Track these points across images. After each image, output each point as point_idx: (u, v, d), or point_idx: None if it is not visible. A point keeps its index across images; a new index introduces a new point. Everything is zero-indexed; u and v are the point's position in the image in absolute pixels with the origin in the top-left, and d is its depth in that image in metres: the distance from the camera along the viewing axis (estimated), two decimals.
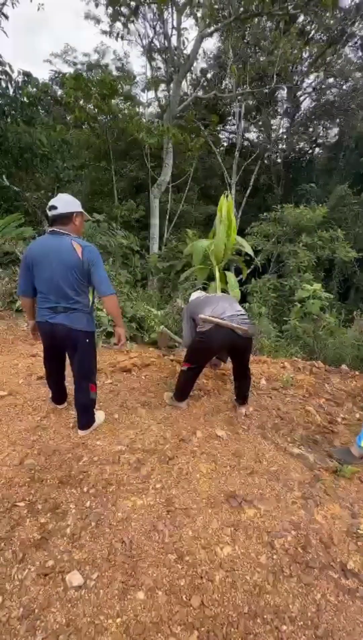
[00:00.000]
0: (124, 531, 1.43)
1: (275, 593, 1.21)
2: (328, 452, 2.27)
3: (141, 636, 1.06)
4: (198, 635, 1.07)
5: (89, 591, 1.19)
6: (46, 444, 2.00)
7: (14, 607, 1.12)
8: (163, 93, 13.37)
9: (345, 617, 1.15)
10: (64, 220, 1.87)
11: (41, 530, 1.40)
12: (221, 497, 1.66)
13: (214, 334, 2.17)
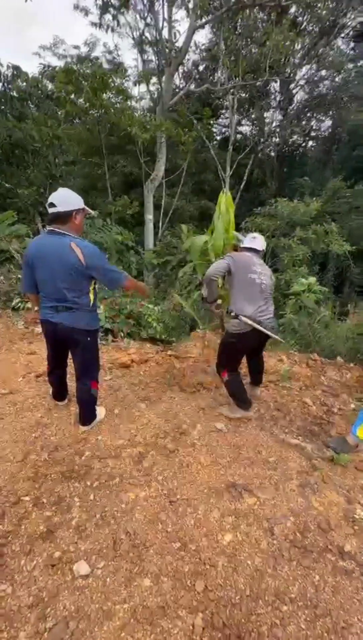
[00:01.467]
0: (128, 522, 1.47)
1: (275, 576, 1.26)
2: (324, 442, 2.33)
3: (148, 620, 1.10)
4: (202, 617, 1.11)
5: (96, 579, 1.22)
6: (48, 440, 2.02)
7: (24, 597, 1.15)
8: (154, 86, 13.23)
9: (343, 596, 1.20)
10: (63, 218, 1.82)
11: (47, 523, 1.44)
12: (222, 487, 1.71)
13: (251, 337, 2.20)
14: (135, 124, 7.11)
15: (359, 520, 1.55)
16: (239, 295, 2.24)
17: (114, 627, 1.08)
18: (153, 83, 12.89)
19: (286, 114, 14.46)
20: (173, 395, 2.79)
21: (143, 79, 11.33)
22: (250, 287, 2.26)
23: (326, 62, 12.82)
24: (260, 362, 2.75)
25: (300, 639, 1.07)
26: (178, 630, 1.07)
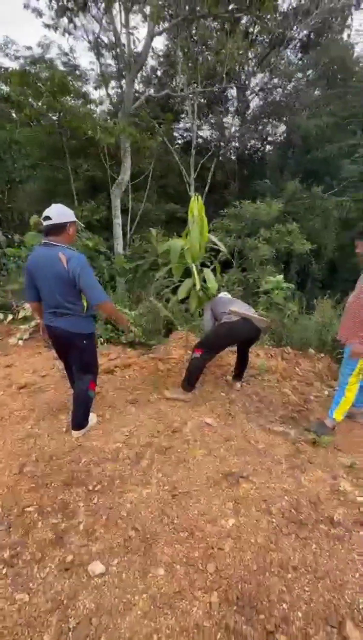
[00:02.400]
0: (135, 520, 1.52)
1: (277, 550, 1.38)
2: (306, 427, 2.52)
3: (167, 604, 1.17)
4: (217, 594, 1.20)
5: (112, 576, 1.27)
6: (42, 451, 2.00)
7: (42, 602, 1.17)
8: (113, 90, 13.18)
9: (337, 559, 1.35)
10: (57, 231, 1.94)
11: (55, 530, 1.45)
12: (219, 477, 1.81)
13: (241, 325, 2.51)
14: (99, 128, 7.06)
15: (344, 492, 1.72)
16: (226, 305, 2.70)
17: (136, 617, 1.13)
18: (111, 87, 12.84)
19: (243, 119, 15.04)
20: (160, 397, 2.85)
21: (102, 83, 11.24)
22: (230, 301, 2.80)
23: (278, 71, 13.55)
24: (245, 358, 2.99)
25: (305, 600, 1.19)
26: (197, 609, 1.15)
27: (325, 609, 1.15)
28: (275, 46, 12.74)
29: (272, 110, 14.28)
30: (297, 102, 13.23)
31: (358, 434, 2.49)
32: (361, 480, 1.84)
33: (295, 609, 1.16)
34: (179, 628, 1.10)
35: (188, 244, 2.83)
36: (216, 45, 11.71)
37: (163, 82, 13.65)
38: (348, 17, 12.66)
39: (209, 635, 1.08)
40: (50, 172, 12.34)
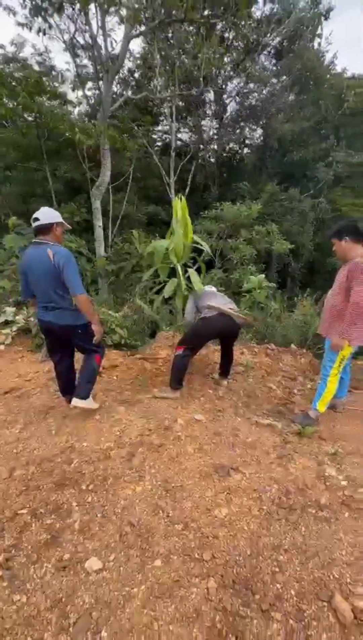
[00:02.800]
0: (130, 515, 1.54)
1: (269, 534, 1.44)
2: (291, 419, 2.61)
3: (166, 594, 1.20)
4: (214, 580, 1.24)
5: (110, 571, 1.28)
6: (32, 454, 1.98)
7: (40, 602, 1.17)
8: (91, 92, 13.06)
9: (325, 539, 1.42)
10: (45, 230, 2.11)
11: (49, 531, 1.44)
12: (211, 470, 1.85)
13: (218, 320, 2.61)
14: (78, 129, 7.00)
15: (328, 477, 1.81)
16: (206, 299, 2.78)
17: (136, 607, 1.15)
18: (88, 88, 12.73)
19: (221, 122, 15.29)
20: (149, 396, 2.87)
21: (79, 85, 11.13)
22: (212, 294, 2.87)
23: (253, 77, 13.89)
24: (229, 355, 3.04)
25: (297, 578, 1.25)
26: (195, 596, 1.19)
27: (316, 586, 1.22)
28: (250, 52, 13.05)
29: (249, 114, 14.60)
30: (272, 106, 13.59)
31: (339, 424, 2.60)
32: (344, 466, 1.94)
33: (288, 587, 1.22)
34: (178, 615, 1.13)
35: (172, 245, 2.88)
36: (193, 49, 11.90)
37: (141, 84, 13.67)
38: (319, 26, 13.17)
39: (208, 618, 1.11)
40: (26, 174, 12.07)
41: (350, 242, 2.38)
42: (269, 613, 1.13)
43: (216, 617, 1.12)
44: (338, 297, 2.42)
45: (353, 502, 1.62)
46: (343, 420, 2.68)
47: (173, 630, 1.08)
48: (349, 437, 2.41)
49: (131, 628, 1.09)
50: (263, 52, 13.62)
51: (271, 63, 14.61)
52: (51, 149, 11.21)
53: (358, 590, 1.20)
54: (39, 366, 3.52)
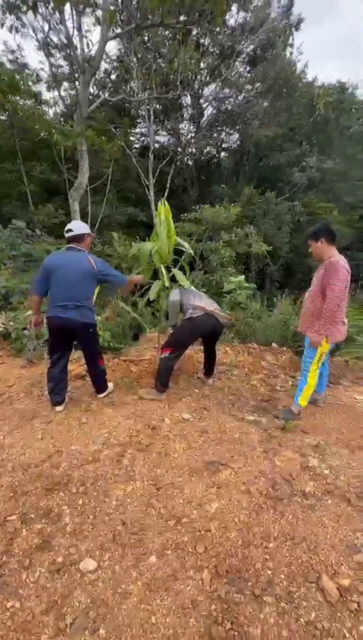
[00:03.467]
0: (122, 515, 1.55)
1: (259, 524, 1.49)
2: (274, 414, 2.70)
3: (162, 587, 1.22)
4: (208, 571, 1.27)
5: (105, 570, 1.29)
6: (18, 460, 1.94)
7: (35, 606, 1.16)
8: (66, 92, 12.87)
9: (311, 525, 1.49)
10: (79, 239, 2.55)
11: (41, 535, 1.43)
12: (200, 466, 1.89)
13: (204, 320, 2.69)
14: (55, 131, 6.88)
15: (313, 468, 1.89)
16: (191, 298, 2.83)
17: (132, 603, 1.17)
18: (64, 89, 12.54)
19: (198, 126, 15.49)
20: (136, 397, 2.88)
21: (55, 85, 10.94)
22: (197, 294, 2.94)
23: (228, 82, 14.19)
24: (212, 355, 3.09)
25: (286, 563, 1.31)
26: (191, 587, 1.22)
27: (304, 569, 1.28)
28: (225, 58, 13.35)
29: (225, 119, 14.88)
30: (248, 112, 13.94)
31: (320, 417, 2.72)
32: (326, 456, 2.04)
33: (278, 572, 1.27)
34: (175, 607, 1.15)
35: (156, 247, 2.90)
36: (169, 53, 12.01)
37: (118, 86, 13.62)
38: (290, 37, 13.67)
39: (204, 607, 1.15)
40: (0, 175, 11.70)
41: (326, 243, 2.50)
42: (261, 598, 1.18)
43: (211, 606, 1.15)
44: (315, 296, 2.54)
45: (335, 490, 1.71)
46: (324, 413, 2.80)
47: (171, 622, 1.11)
48: (330, 429, 2.52)
49: (129, 623, 1.10)
50: (238, 58, 13.94)
51: (245, 70, 14.98)
52: (26, 149, 10.94)
53: (342, 570, 1.27)
54: (20, 371, 3.44)
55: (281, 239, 12.27)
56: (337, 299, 2.36)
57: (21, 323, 4.06)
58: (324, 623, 1.10)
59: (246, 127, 14.36)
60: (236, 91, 14.54)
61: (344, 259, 2.47)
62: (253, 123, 13.87)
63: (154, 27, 9.68)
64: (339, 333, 2.53)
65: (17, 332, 3.99)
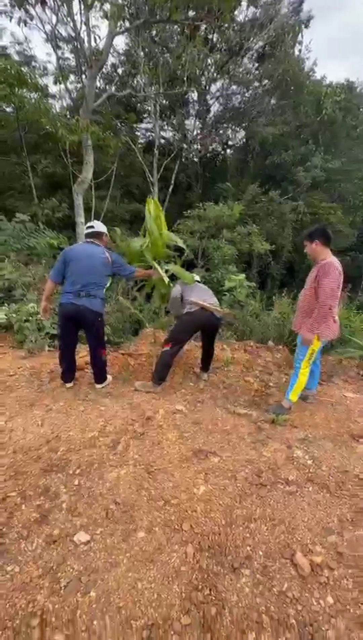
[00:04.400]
0: (115, 495, 1.66)
1: (242, 507, 1.60)
2: (266, 409, 2.80)
3: (149, 559, 1.33)
4: (192, 546, 1.38)
5: (97, 543, 1.40)
6: (18, 444, 2.05)
7: (32, 570, 1.27)
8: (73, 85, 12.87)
9: (291, 509, 1.60)
10: (98, 236, 2.83)
11: (39, 510, 1.54)
12: (190, 454, 2.00)
13: (199, 314, 2.83)
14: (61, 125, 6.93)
15: (297, 458, 2.00)
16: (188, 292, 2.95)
17: (121, 572, 1.28)
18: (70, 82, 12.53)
19: (204, 123, 15.46)
20: (133, 389, 2.99)
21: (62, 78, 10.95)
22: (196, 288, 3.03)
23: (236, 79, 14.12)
24: (210, 350, 3.21)
25: (264, 541, 1.41)
26: (175, 559, 1.33)
27: (281, 547, 1.39)
28: (233, 55, 13.28)
29: (232, 115, 14.83)
30: (254, 109, 13.89)
31: (310, 413, 2.82)
32: (312, 448, 2.14)
33: (257, 549, 1.38)
34: (160, 575, 1.26)
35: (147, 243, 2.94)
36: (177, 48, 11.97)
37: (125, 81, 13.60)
38: (299, 34, 13.57)
39: (186, 576, 1.26)
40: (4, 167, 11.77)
41: (320, 244, 2.59)
42: (239, 570, 1.29)
43: (193, 575, 1.26)
44: (308, 295, 2.63)
45: (317, 478, 1.81)
46: (314, 410, 2.89)
47: (155, 587, 1.21)
48: (318, 424, 2.62)
49: (117, 588, 1.21)
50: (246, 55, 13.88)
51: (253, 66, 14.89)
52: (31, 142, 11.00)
53: (316, 549, 1.38)
54: (21, 362, 3.54)
55: (284, 239, 12.29)
56: (329, 298, 2.45)
57: (23, 315, 4.17)
58: (295, 593, 1.20)
59: (252, 125, 14.30)
60: (244, 88, 14.48)
61: (337, 260, 2.56)
62: (259, 120, 13.83)
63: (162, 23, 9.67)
64: (330, 332, 2.62)
65: (19, 324, 4.10)
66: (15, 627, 1.08)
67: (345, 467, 1.91)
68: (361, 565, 1.31)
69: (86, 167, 9.16)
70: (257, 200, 12.19)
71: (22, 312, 4.19)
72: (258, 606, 1.15)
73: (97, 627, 1.08)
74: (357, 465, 1.94)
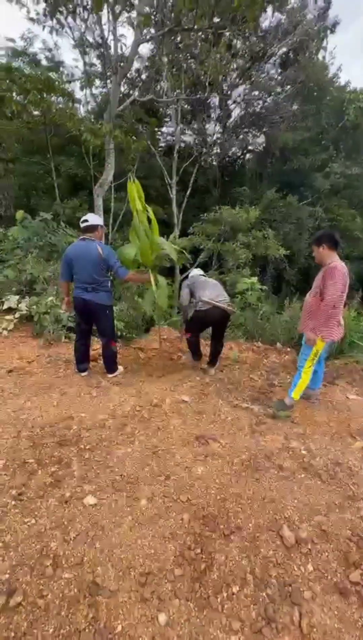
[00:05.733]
0: (121, 468, 1.82)
1: (236, 486, 1.73)
2: (268, 405, 2.91)
3: (149, 522, 1.48)
4: (188, 514, 1.53)
5: (103, 506, 1.56)
6: (36, 421, 2.25)
7: (47, 523, 1.45)
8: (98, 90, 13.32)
9: (282, 491, 1.71)
10: (92, 229, 2.87)
11: (53, 476, 1.72)
12: (192, 439, 2.14)
13: (211, 312, 3.05)
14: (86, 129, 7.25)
15: (292, 448, 2.11)
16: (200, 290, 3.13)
17: (124, 530, 1.43)
18: (96, 86, 12.98)
19: (225, 127, 15.62)
20: (142, 379, 3.16)
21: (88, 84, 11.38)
22: (205, 283, 3.22)
23: (258, 84, 14.23)
24: (219, 345, 3.44)
25: (255, 516, 1.54)
26: (172, 523, 1.47)
27: (269, 522, 1.51)
28: (256, 60, 13.41)
29: (252, 120, 14.92)
30: (276, 115, 13.94)
31: (311, 411, 2.90)
32: (308, 441, 2.24)
33: (247, 522, 1.51)
34: (158, 535, 1.41)
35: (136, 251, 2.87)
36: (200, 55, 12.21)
37: (148, 86, 13.92)
38: (324, 39, 13.56)
39: (181, 538, 1.40)
40: (30, 168, 12.29)
41: (327, 249, 2.69)
42: (229, 537, 1.42)
43: (187, 538, 1.40)
44: (314, 297, 2.73)
45: (310, 467, 1.92)
46: (316, 409, 2.98)
47: (153, 545, 1.37)
48: (318, 422, 2.71)
49: (119, 543, 1.37)
50: (269, 61, 13.99)
51: (276, 72, 14.96)
52: (56, 144, 11.44)
53: (302, 526, 1.50)
54: (40, 351, 3.78)
55: (301, 244, 12.26)
56: (333, 300, 2.55)
57: (43, 307, 4.43)
58: (279, 559, 1.33)
59: (272, 130, 14.36)
60: (265, 93, 14.55)
61: (343, 264, 2.65)
62: (280, 126, 13.87)
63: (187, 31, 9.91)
64: (334, 333, 2.70)
65: (38, 315, 4.35)
66: (32, 565, 1.25)
67: (338, 460, 2.00)
68: (343, 542, 1.42)
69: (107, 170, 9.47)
70: (274, 205, 12.22)
71: (42, 305, 4.44)
72: (243, 566, 1.29)
73: (101, 571, 1.24)
74: (351, 459, 2.03)
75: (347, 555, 1.35)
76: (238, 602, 1.17)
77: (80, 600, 1.14)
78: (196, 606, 1.16)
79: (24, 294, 4.93)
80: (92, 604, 1.14)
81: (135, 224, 2.85)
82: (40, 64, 11.41)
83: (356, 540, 1.41)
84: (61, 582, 1.20)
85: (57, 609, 1.11)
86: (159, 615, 1.12)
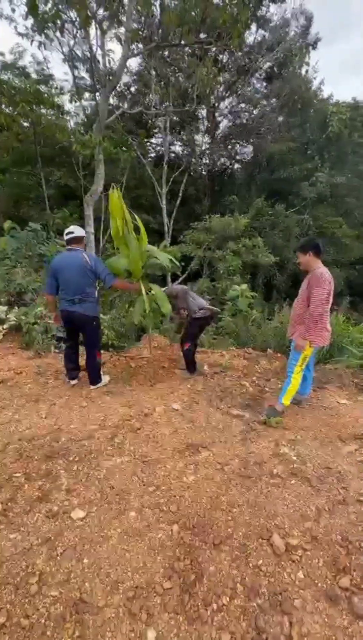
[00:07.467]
0: (110, 480, 1.80)
1: (227, 495, 1.72)
2: (259, 411, 2.91)
3: (138, 535, 1.46)
4: (177, 525, 1.51)
5: (92, 518, 1.53)
6: (24, 433, 2.21)
7: (33, 539, 1.41)
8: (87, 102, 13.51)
9: (272, 499, 1.71)
10: (78, 240, 2.91)
11: (41, 490, 1.69)
12: (183, 447, 2.13)
13: (210, 318, 3.41)
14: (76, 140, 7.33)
15: (283, 454, 2.11)
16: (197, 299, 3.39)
17: (112, 544, 1.41)
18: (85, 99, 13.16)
19: (213, 138, 15.95)
20: (132, 389, 3.14)
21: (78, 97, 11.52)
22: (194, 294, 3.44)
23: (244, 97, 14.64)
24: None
25: (245, 524, 1.53)
26: (161, 535, 1.45)
27: (260, 530, 1.50)
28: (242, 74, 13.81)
29: (240, 132, 15.29)
30: (262, 126, 14.32)
31: (302, 416, 2.92)
32: (298, 447, 2.25)
33: (237, 531, 1.50)
34: (147, 547, 1.39)
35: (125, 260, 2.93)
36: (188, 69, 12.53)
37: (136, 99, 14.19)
38: (307, 55, 14.07)
39: (170, 548, 1.38)
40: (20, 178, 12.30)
41: (313, 255, 2.74)
42: (219, 546, 1.41)
43: (177, 549, 1.39)
44: (301, 303, 2.77)
45: (300, 473, 1.92)
46: (306, 414, 2.99)
47: (142, 557, 1.34)
48: (309, 427, 2.71)
49: (107, 557, 1.35)
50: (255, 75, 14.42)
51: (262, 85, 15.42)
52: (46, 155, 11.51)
53: (293, 532, 1.49)
54: (28, 362, 3.73)
55: (289, 251, 12.46)
56: (320, 306, 2.59)
57: (32, 318, 4.39)
58: (269, 568, 1.32)
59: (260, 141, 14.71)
60: (252, 106, 14.96)
61: (328, 271, 2.71)
62: (267, 137, 14.23)
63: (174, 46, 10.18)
64: (322, 338, 2.74)
65: (27, 326, 4.31)
66: (16, 583, 1.21)
67: (328, 464, 2.01)
68: (333, 548, 1.42)
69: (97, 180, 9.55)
70: (263, 213, 12.45)
71: (31, 315, 4.41)
72: (233, 576, 1.27)
73: (88, 587, 1.21)
74: (341, 464, 2.04)
75: (336, 561, 1.35)
76: (228, 614, 1.15)
77: (66, 618, 1.11)
78: (185, 619, 1.14)
79: (13, 304, 4.88)
80: (78, 621, 1.11)
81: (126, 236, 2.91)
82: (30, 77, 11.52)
83: (345, 545, 1.41)
84: (46, 600, 1.17)
85: (42, 629, 1.08)
86: (148, 631, 1.10)
